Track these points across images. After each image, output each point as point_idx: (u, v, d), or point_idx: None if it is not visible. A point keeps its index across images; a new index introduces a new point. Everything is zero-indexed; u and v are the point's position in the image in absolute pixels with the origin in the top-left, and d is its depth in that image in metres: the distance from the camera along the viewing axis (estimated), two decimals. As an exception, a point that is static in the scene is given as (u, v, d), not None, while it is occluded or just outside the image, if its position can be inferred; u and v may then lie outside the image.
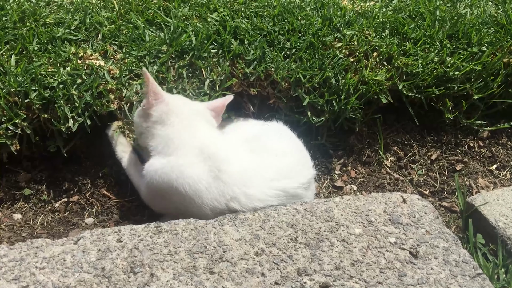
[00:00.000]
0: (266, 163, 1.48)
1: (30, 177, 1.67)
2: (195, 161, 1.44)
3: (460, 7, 2.25)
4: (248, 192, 1.42)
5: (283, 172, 1.47)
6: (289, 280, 1.21)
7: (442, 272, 1.26)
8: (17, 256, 1.21)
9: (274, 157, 1.51)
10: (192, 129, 1.53)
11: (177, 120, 1.53)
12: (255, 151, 1.52)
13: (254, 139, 1.58)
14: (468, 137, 2.03)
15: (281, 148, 1.56)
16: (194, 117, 1.57)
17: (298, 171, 1.50)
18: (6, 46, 1.69)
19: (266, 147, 1.54)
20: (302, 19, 2.00)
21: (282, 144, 1.58)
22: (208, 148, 1.47)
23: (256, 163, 1.48)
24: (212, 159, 1.44)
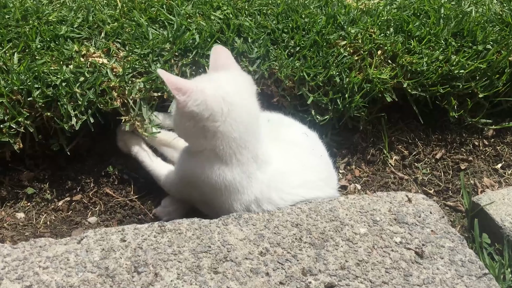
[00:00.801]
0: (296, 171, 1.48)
1: (33, 176, 1.66)
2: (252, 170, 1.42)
3: (465, 5, 2.23)
4: (272, 197, 1.43)
5: (307, 184, 1.48)
6: (294, 280, 1.20)
7: (448, 272, 1.25)
8: (21, 256, 1.20)
9: (302, 168, 1.50)
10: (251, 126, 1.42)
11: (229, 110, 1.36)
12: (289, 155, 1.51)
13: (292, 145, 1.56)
14: (473, 136, 2.02)
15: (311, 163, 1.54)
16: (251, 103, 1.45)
17: (320, 186, 1.50)
18: (9, 44, 1.69)
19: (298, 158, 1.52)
20: (306, 17, 1.99)
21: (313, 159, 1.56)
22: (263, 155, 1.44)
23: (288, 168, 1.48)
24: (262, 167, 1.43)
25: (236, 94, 1.39)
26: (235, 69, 1.48)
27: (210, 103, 1.34)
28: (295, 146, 1.55)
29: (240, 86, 1.43)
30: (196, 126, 1.36)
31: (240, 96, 1.40)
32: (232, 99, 1.37)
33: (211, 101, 1.34)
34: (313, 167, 1.52)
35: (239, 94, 1.40)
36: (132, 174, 1.73)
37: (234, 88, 1.40)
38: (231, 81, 1.42)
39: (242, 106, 1.39)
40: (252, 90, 1.47)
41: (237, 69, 1.49)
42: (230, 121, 1.36)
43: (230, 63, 1.47)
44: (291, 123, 1.67)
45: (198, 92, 1.33)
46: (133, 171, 1.74)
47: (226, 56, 1.49)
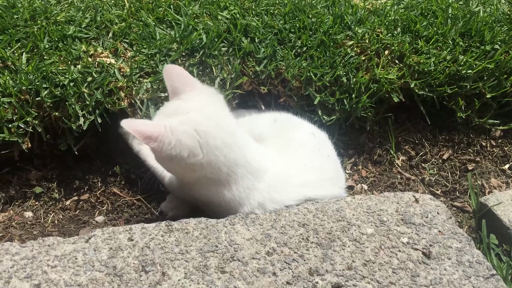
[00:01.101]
0: (297, 171, 1.47)
1: (41, 175, 1.67)
2: (249, 183, 1.41)
3: (473, 5, 2.23)
4: (275, 197, 1.42)
5: (309, 183, 1.47)
6: (301, 280, 1.20)
7: (455, 272, 1.24)
8: (29, 254, 1.21)
9: (307, 168, 1.48)
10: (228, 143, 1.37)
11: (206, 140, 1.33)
12: (292, 156, 1.50)
13: (297, 145, 1.54)
14: (480, 137, 2.01)
15: (314, 163, 1.52)
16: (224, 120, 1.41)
17: (324, 185, 1.50)
18: (17, 44, 1.70)
19: (301, 159, 1.50)
20: (313, 17, 1.99)
21: (317, 159, 1.54)
22: (258, 163, 1.43)
23: (289, 170, 1.47)
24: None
25: (206, 119, 1.34)
26: (195, 88, 1.41)
27: (185, 141, 1.29)
28: (300, 146, 1.54)
29: (207, 107, 1.37)
30: (179, 165, 1.33)
31: (211, 119, 1.35)
32: (204, 127, 1.32)
33: (185, 139, 1.29)
34: (316, 167, 1.51)
35: (209, 118, 1.35)
36: (139, 173, 1.74)
37: (202, 113, 1.34)
38: (196, 105, 1.37)
39: (217, 128, 1.34)
40: (221, 103, 1.43)
41: (196, 87, 1.42)
42: (211, 149, 1.33)
43: (187, 83, 1.41)
44: (300, 123, 1.66)
45: (168, 133, 1.27)
46: (140, 170, 1.74)
47: (181, 76, 1.42)
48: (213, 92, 1.46)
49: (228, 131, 1.37)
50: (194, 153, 1.31)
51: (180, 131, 1.29)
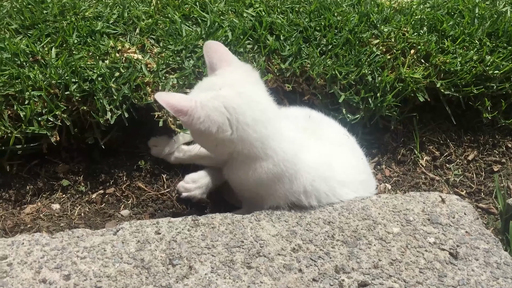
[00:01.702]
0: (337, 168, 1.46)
1: (68, 168, 1.69)
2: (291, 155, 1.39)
3: (500, 5, 2.20)
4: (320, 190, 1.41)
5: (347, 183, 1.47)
6: (327, 277, 1.20)
7: (483, 274, 1.24)
8: (59, 245, 1.23)
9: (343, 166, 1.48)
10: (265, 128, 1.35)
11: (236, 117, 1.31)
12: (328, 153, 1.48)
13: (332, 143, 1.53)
14: (506, 138, 1.99)
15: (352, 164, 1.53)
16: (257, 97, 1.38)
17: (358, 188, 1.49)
18: (47, 39, 1.72)
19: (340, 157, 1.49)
20: (338, 15, 1.99)
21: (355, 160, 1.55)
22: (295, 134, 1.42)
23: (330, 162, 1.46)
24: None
25: (237, 95, 1.32)
26: (230, 64, 1.40)
27: (213, 117, 1.29)
28: (335, 144, 1.53)
29: (240, 83, 1.36)
30: (209, 139, 1.35)
31: (242, 96, 1.33)
32: (234, 103, 1.31)
33: (214, 114, 1.29)
34: (351, 167, 1.50)
35: (241, 94, 1.33)
36: (163, 169, 1.76)
37: (234, 90, 1.33)
38: (229, 81, 1.36)
39: (248, 105, 1.33)
40: (255, 80, 1.41)
41: (232, 63, 1.41)
42: (242, 125, 1.32)
43: (223, 59, 1.40)
44: (332, 123, 1.65)
45: (198, 108, 1.27)
46: (164, 166, 1.76)
47: (217, 51, 1.41)
48: (249, 69, 1.43)
49: (260, 109, 1.35)
50: (222, 129, 1.30)
51: (210, 106, 1.29)
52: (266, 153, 1.35)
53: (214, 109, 1.29)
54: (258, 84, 1.42)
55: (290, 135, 1.40)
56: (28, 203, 1.62)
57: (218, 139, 1.32)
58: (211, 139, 1.34)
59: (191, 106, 1.27)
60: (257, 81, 1.43)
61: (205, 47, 1.42)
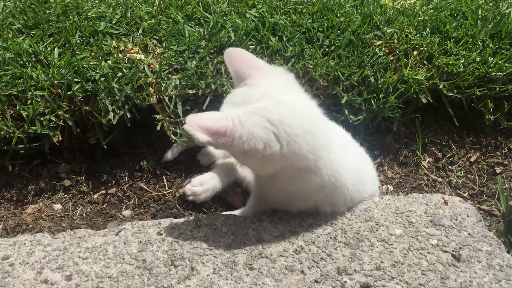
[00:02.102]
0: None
1: (70, 168, 1.69)
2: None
3: (503, 7, 2.20)
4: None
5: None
6: (329, 278, 1.20)
7: (485, 276, 1.23)
8: (61, 246, 1.23)
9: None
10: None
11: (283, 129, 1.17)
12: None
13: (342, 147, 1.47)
14: (509, 140, 1.98)
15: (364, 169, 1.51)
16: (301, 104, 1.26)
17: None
18: (50, 39, 1.72)
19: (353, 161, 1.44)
20: (341, 16, 1.98)
21: (364, 165, 1.53)
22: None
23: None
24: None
25: (279, 106, 1.18)
26: (261, 71, 1.27)
27: (257, 134, 1.14)
28: (346, 147, 1.47)
29: (278, 91, 1.22)
30: (255, 158, 1.18)
31: (285, 105, 1.19)
32: (278, 115, 1.16)
33: (257, 131, 1.14)
34: (372, 176, 1.53)
35: (283, 104, 1.19)
36: (165, 169, 1.76)
37: (275, 100, 1.19)
38: (266, 91, 1.21)
39: (294, 115, 1.19)
40: (294, 85, 1.30)
41: (263, 69, 1.27)
42: (292, 138, 1.17)
43: (251, 66, 1.27)
44: (339, 130, 1.60)
45: (237, 127, 1.13)
46: (166, 166, 1.76)
47: (243, 58, 1.28)
48: (283, 72, 1.31)
49: (308, 116, 1.23)
50: (270, 145, 1.15)
51: (251, 122, 1.14)
52: (316, 166, 1.23)
53: (256, 125, 1.14)
54: (297, 88, 1.30)
55: (336, 145, 1.30)
56: (30, 203, 1.62)
57: (266, 156, 1.17)
58: (257, 157, 1.17)
59: (229, 126, 1.12)
60: (295, 85, 1.30)
61: (227, 55, 1.28)
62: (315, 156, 1.21)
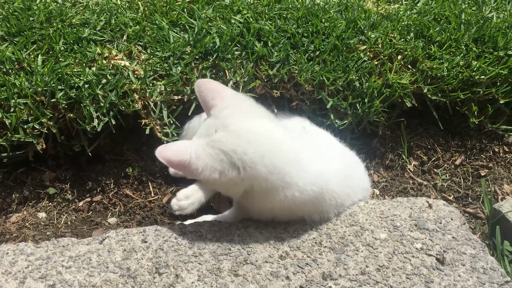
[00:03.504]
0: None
1: (55, 176, 1.68)
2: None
3: (486, 11, 2.22)
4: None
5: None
6: (314, 284, 1.20)
7: (469, 279, 1.24)
8: (44, 255, 1.22)
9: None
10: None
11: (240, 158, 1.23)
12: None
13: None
14: (493, 142, 2.00)
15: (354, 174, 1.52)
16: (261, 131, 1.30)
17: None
18: (33, 46, 1.71)
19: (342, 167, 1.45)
20: (326, 21, 1.99)
21: (355, 170, 1.55)
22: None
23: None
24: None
25: (233, 136, 1.24)
26: (223, 100, 1.32)
27: (212, 165, 1.22)
28: (338, 156, 1.51)
29: (234, 120, 1.28)
30: (218, 184, 1.26)
31: (239, 134, 1.25)
32: (232, 145, 1.23)
33: (211, 162, 1.22)
34: (359, 177, 1.54)
35: (237, 133, 1.25)
36: (151, 176, 1.75)
37: (228, 130, 1.26)
38: (222, 121, 1.28)
39: (249, 142, 1.24)
40: (253, 109, 1.35)
41: (225, 98, 1.33)
42: (249, 165, 1.23)
43: (215, 97, 1.33)
44: (326, 134, 1.64)
45: (193, 160, 1.22)
46: (152, 173, 1.76)
47: (208, 90, 1.34)
48: (242, 99, 1.37)
49: (263, 141, 1.26)
50: (225, 174, 1.22)
51: (206, 155, 1.23)
52: (286, 181, 1.26)
53: (211, 157, 1.22)
54: (256, 113, 1.34)
55: (309, 157, 1.32)
56: (14, 212, 1.60)
57: (225, 182, 1.24)
58: (218, 183, 1.25)
59: (187, 159, 1.21)
60: (254, 109, 1.35)
61: (196, 87, 1.35)
62: (280, 174, 1.25)
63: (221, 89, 1.36)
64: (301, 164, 1.29)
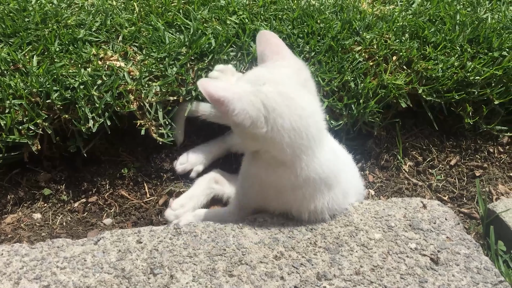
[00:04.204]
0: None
1: (50, 177, 1.68)
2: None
3: (481, 12, 2.23)
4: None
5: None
6: (308, 284, 1.20)
7: (463, 279, 1.24)
8: (38, 256, 1.22)
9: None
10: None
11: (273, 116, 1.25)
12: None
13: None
14: (488, 143, 2.01)
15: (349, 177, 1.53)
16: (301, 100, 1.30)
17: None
18: (28, 47, 1.71)
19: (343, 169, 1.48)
20: (321, 22, 2.00)
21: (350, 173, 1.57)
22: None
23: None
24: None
25: (279, 96, 1.25)
26: (282, 58, 1.34)
27: (249, 112, 1.23)
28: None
29: (285, 82, 1.29)
30: (244, 131, 1.27)
31: (284, 97, 1.26)
32: (274, 103, 1.24)
33: (250, 109, 1.23)
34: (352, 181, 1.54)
35: (283, 95, 1.26)
36: (147, 177, 1.75)
37: (277, 89, 1.26)
38: (275, 78, 1.29)
39: (288, 108, 1.25)
40: (304, 80, 1.33)
41: (285, 58, 1.34)
42: (277, 127, 1.25)
43: (274, 51, 1.34)
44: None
45: (235, 100, 1.21)
46: (148, 173, 1.76)
47: (270, 42, 1.35)
48: (301, 67, 1.36)
49: (300, 115, 1.27)
50: (256, 126, 1.24)
51: (248, 100, 1.23)
52: (293, 162, 1.29)
53: (251, 104, 1.24)
54: (307, 86, 1.34)
55: (327, 157, 1.34)
56: (8, 213, 1.60)
57: (251, 133, 1.26)
58: (244, 131, 1.27)
59: (228, 97, 1.21)
60: (307, 83, 1.34)
61: (258, 36, 1.36)
62: (293, 153, 1.27)
63: (283, 47, 1.37)
64: (312, 156, 1.30)
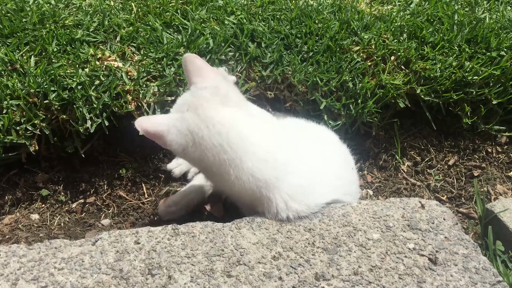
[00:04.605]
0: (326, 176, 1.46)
1: (48, 178, 1.68)
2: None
3: (479, 12, 2.23)
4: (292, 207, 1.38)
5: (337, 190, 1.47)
6: (307, 284, 1.20)
7: (462, 279, 1.24)
8: (36, 257, 1.22)
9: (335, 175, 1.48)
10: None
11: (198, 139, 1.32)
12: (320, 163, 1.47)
13: (325, 154, 1.53)
14: (486, 143, 2.01)
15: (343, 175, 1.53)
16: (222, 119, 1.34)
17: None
18: (26, 47, 1.71)
19: (332, 167, 1.49)
20: (319, 22, 2.00)
21: (345, 171, 1.56)
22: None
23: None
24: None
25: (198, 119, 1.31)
26: (205, 79, 1.38)
27: (178, 140, 1.32)
28: (327, 155, 1.52)
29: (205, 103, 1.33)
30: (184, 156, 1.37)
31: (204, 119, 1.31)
32: (196, 127, 1.31)
33: (179, 138, 1.32)
34: (342, 178, 1.52)
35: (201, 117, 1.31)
36: (145, 177, 1.75)
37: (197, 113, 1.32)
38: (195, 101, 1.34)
39: (208, 129, 1.31)
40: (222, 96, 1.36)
41: (207, 77, 1.38)
42: (201, 148, 1.31)
43: (196, 73, 1.38)
44: (324, 131, 1.65)
45: (167, 132, 1.31)
46: (146, 174, 1.75)
47: (193, 65, 1.39)
48: (218, 85, 1.38)
49: (219, 132, 1.31)
50: (188, 150, 1.33)
51: (175, 131, 1.32)
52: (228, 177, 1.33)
53: (179, 133, 1.32)
54: (228, 99, 1.37)
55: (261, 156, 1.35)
56: (6, 214, 1.60)
57: (189, 157, 1.36)
58: (185, 156, 1.37)
59: (163, 131, 1.32)
60: (227, 97, 1.37)
61: (183, 60, 1.41)
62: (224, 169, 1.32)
63: (205, 68, 1.40)
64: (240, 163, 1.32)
